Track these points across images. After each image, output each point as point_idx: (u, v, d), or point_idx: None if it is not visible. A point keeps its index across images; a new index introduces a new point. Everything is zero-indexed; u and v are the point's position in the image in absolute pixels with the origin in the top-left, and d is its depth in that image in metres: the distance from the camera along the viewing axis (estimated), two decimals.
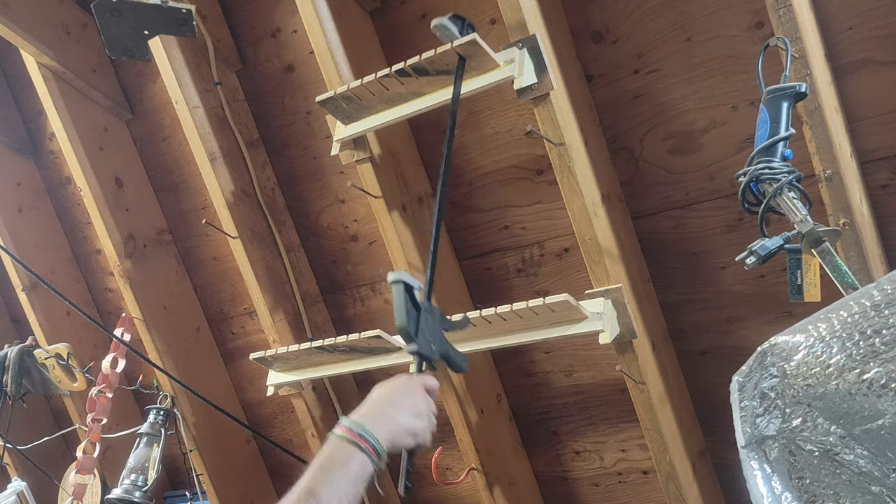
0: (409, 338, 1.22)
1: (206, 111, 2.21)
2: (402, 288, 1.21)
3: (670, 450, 1.72)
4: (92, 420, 2.56)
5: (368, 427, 1.05)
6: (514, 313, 1.61)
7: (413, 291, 1.23)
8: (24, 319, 2.94)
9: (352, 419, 1.06)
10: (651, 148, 1.77)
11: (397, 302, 1.20)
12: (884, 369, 0.86)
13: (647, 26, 1.69)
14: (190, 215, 2.62)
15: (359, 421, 1.06)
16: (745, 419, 0.96)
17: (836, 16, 1.50)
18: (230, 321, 2.70)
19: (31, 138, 2.91)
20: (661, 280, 1.85)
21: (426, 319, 1.24)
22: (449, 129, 1.50)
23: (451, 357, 1.28)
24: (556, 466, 2.19)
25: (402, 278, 1.21)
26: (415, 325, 1.22)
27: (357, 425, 1.05)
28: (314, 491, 0.97)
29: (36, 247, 2.86)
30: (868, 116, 1.54)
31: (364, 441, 1.03)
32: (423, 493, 2.48)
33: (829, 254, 1.21)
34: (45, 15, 2.36)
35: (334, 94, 1.70)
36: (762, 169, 1.25)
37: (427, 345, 1.23)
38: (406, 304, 1.21)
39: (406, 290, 1.21)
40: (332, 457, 1.02)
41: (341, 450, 1.02)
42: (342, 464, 1.01)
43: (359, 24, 1.96)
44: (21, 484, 2.88)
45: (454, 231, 2.08)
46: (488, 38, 1.56)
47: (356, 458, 1.02)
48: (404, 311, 1.20)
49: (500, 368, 2.16)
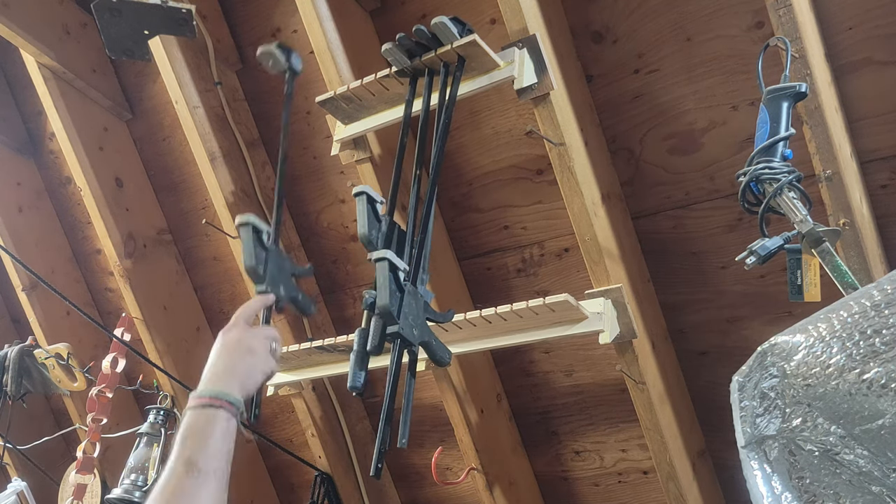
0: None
1: (206, 111, 2.21)
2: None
3: (670, 450, 1.72)
4: (92, 420, 2.56)
5: (217, 388, 1.09)
6: (514, 313, 1.60)
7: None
8: (24, 319, 2.94)
9: (199, 390, 1.10)
10: (651, 148, 1.77)
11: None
12: (884, 369, 0.86)
13: (646, 26, 1.69)
14: (190, 215, 2.62)
15: (207, 387, 1.10)
16: (745, 419, 0.96)
17: (836, 16, 1.50)
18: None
19: (31, 138, 2.91)
20: (661, 280, 1.85)
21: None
22: (439, 125, 1.49)
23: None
24: (556, 466, 2.19)
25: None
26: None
27: (207, 391, 1.09)
28: (191, 460, 1.00)
29: (36, 247, 2.86)
30: (868, 116, 1.54)
31: (217, 400, 1.07)
32: (423, 493, 2.48)
33: (829, 254, 1.21)
34: (45, 15, 2.36)
35: (334, 95, 1.70)
36: (762, 169, 1.25)
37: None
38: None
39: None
40: (195, 426, 1.05)
41: (201, 416, 1.06)
42: (206, 427, 1.04)
43: (359, 24, 1.96)
44: (21, 484, 2.87)
45: (454, 231, 2.08)
46: (488, 38, 1.56)
47: (218, 418, 1.05)
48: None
49: (500, 368, 2.16)
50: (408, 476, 2.49)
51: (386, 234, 1.39)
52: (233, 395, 1.09)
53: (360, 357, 1.24)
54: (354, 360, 1.24)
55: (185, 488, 0.97)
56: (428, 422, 2.33)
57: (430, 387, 2.14)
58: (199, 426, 1.04)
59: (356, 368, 1.23)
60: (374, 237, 1.33)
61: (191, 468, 0.99)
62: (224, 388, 1.09)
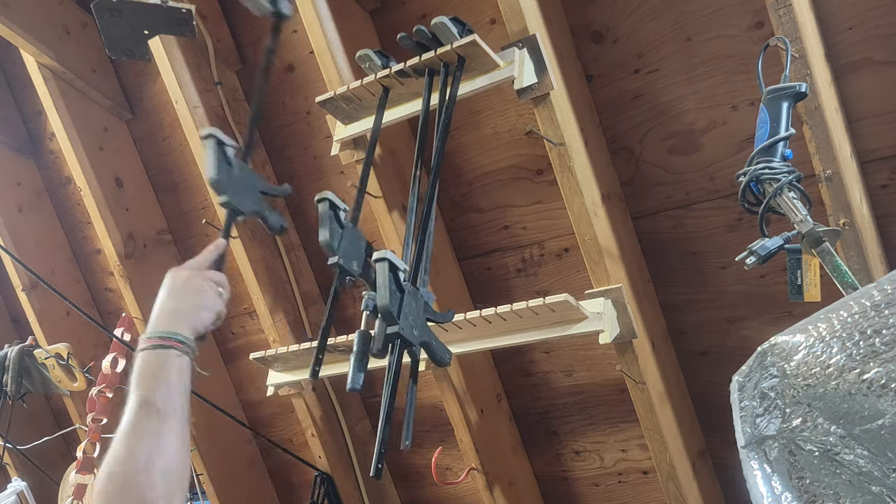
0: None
1: (206, 111, 2.21)
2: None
3: (670, 450, 1.72)
4: (92, 420, 2.56)
5: (166, 328, 1.09)
6: (514, 313, 1.61)
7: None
8: (24, 319, 2.94)
9: (149, 331, 1.10)
10: (651, 148, 1.77)
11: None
12: (884, 369, 0.86)
13: (647, 26, 1.69)
14: (190, 215, 2.62)
15: (156, 329, 1.10)
16: (745, 419, 0.96)
17: (836, 16, 1.50)
18: (230, 321, 2.70)
19: (31, 138, 2.91)
20: (661, 280, 1.85)
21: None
22: (439, 125, 1.50)
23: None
24: (556, 466, 2.19)
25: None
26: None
27: (157, 332, 1.09)
28: (149, 400, 0.99)
29: (36, 247, 2.86)
30: (868, 116, 1.54)
31: (167, 340, 1.07)
32: (423, 493, 2.48)
33: (829, 254, 1.21)
34: (45, 15, 2.36)
35: (334, 95, 1.70)
36: (762, 169, 1.25)
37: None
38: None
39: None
40: (150, 366, 1.04)
41: (153, 357, 1.06)
42: (161, 367, 1.04)
43: (359, 24, 1.96)
44: (21, 484, 2.88)
45: (454, 231, 2.08)
46: (488, 38, 1.56)
47: (171, 357, 1.05)
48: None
49: (500, 368, 2.16)
50: (408, 476, 2.49)
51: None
52: (182, 335, 1.09)
53: (361, 359, 1.24)
54: (354, 361, 1.24)
55: (148, 429, 0.96)
56: (428, 422, 2.33)
57: (430, 387, 2.15)
58: (153, 367, 1.04)
59: (356, 370, 1.23)
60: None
61: (150, 408, 0.98)
62: (173, 328, 1.09)
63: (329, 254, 1.29)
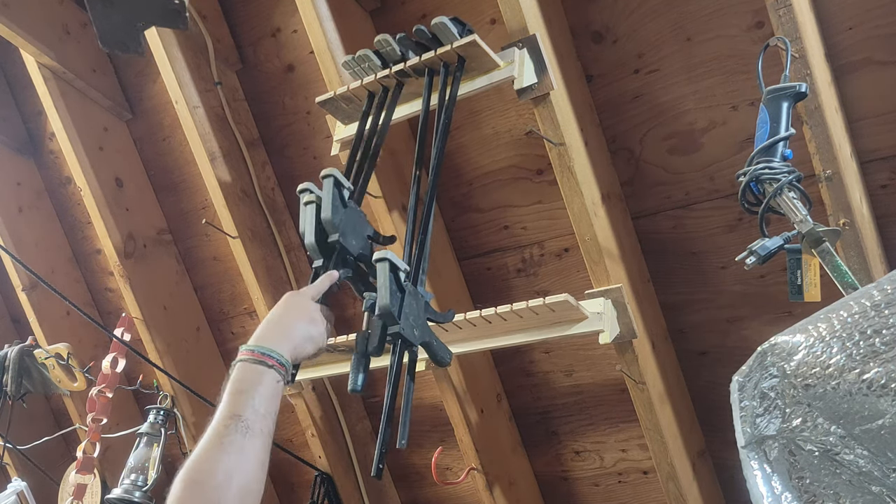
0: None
1: (206, 111, 2.21)
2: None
3: (670, 450, 1.72)
4: (92, 420, 2.56)
5: (269, 345, 1.08)
6: (514, 313, 1.60)
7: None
8: (24, 319, 2.94)
9: (251, 344, 1.09)
10: (651, 148, 1.77)
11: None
12: (884, 369, 0.86)
13: (647, 26, 1.69)
14: (190, 215, 2.62)
15: (261, 343, 1.09)
16: (745, 419, 0.96)
17: (836, 16, 1.50)
18: (230, 321, 2.70)
19: (31, 138, 2.91)
20: (661, 280, 1.85)
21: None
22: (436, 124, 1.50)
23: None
24: (556, 466, 2.19)
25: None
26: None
27: (258, 347, 1.08)
28: (238, 415, 0.99)
29: (36, 247, 2.86)
30: (868, 116, 1.54)
31: (269, 358, 1.06)
32: (423, 493, 2.48)
33: (829, 254, 1.21)
34: (45, 15, 2.36)
35: (334, 95, 1.70)
36: (762, 169, 1.25)
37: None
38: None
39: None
40: (244, 380, 1.04)
41: (251, 371, 1.05)
42: (256, 384, 1.04)
43: (359, 24, 1.96)
44: (21, 484, 2.87)
45: (454, 231, 2.08)
46: (488, 38, 1.56)
47: (267, 376, 1.05)
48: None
49: (500, 368, 2.16)
50: (408, 476, 2.49)
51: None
52: (285, 357, 1.08)
53: (361, 360, 1.24)
54: (355, 362, 1.24)
55: (232, 443, 0.96)
56: (428, 422, 2.33)
57: (430, 387, 2.15)
58: (248, 382, 1.03)
59: (356, 371, 1.23)
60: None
61: (238, 423, 0.98)
62: (277, 348, 1.08)
63: (329, 232, 1.30)
